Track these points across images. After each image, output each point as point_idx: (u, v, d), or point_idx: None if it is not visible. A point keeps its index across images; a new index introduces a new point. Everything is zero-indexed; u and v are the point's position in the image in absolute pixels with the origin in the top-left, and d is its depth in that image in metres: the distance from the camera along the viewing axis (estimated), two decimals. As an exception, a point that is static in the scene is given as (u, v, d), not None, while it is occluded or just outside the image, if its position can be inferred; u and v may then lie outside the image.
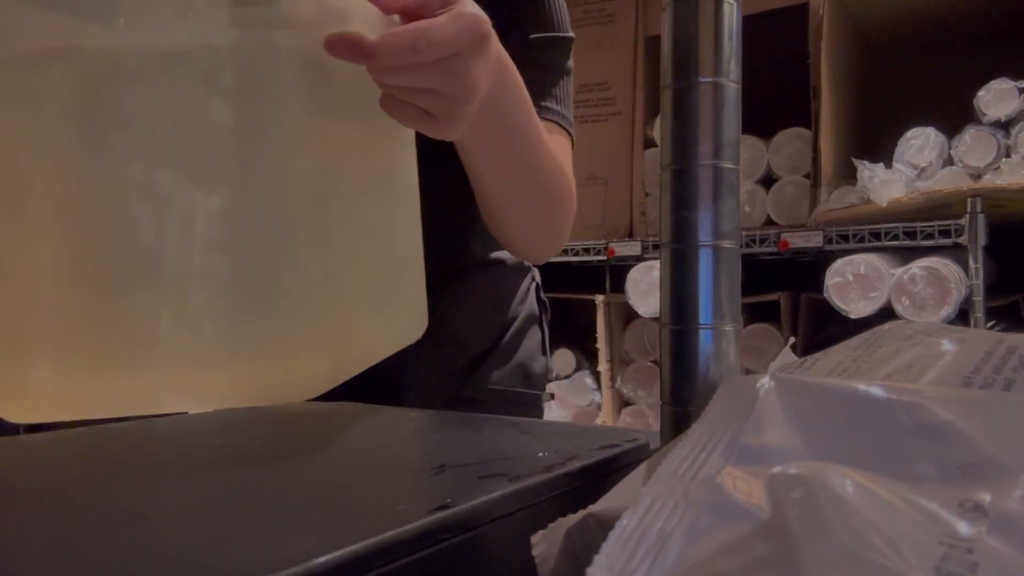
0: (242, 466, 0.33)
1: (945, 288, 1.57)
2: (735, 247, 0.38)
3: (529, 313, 0.87)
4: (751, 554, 0.18)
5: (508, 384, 0.82)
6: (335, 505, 0.27)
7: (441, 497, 0.26)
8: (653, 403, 2.12)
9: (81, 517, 0.26)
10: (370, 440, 0.39)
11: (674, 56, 0.38)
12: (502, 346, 0.82)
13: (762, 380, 0.26)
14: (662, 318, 0.38)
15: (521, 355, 0.84)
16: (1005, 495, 0.20)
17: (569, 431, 0.39)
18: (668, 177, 0.38)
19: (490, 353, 0.81)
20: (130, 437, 0.40)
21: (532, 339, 0.86)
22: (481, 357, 0.81)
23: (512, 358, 0.83)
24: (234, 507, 0.27)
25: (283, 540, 0.23)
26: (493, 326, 0.82)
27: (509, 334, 0.83)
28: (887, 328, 0.35)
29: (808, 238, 1.80)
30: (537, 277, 0.92)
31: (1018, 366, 0.28)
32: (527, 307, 0.87)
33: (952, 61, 2.03)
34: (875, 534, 0.18)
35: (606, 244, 2.08)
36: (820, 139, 1.77)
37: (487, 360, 0.81)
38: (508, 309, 0.84)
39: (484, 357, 0.81)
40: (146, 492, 0.29)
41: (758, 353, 1.91)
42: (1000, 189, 1.54)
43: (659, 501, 0.21)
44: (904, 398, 0.24)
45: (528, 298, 0.88)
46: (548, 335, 0.91)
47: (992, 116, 1.61)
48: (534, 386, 0.85)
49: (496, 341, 0.82)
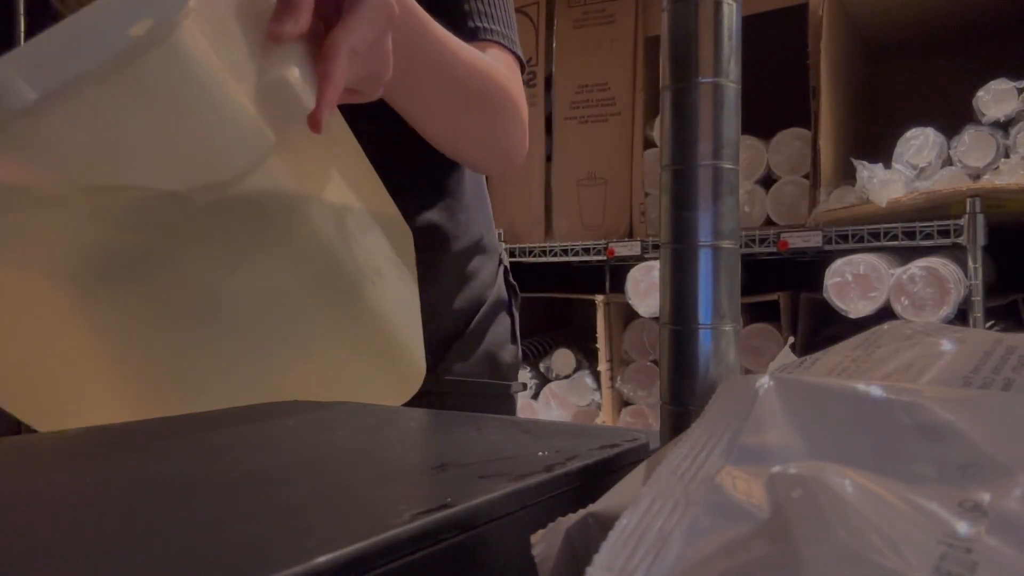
0: (239, 465, 0.33)
1: (944, 288, 1.57)
2: (735, 247, 0.38)
3: (497, 298, 0.83)
4: (751, 554, 0.18)
5: (473, 375, 0.79)
6: (334, 504, 0.27)
7: (441, 497, 0.26)
8: (653, 403, 2.12)
9: (75, 518, 0.26)
10: (370, 439, 0.39)
11: (674, 56, 0.38)
12: (468, 333, 0.79)
13: (762, 380, 0.26)
14: (662, 318, 0.38)
15: (488, 343, 0.80)
16: (1004, 495, 0.20)
17: (569, 431, 0.39)
18: (668, 177, 0.38)
19: (455, 341, 0.78)
20: (127, 437, 0.40)
21: (501, 326, 0.83)
22: (444, 344, 0.77)
23: (478, 347, 0.80)
24: (231, 506, 0.27)
25: (282, 540, 0.23)
26: (458, 311, 0.79)
27: (475, 320, 0.80)
28: (886, 328, 0.35)
29: (807, 238, 1.80)
30: (505, 260, 0.88)
31: (1017, 366, 0.28)
32: (495, 292, 0.83)
33: (952, 61, 2.03)
34: (875, 534, 0.18)
35: (606, 244, 2.08)
36: (820, 139, 1.77)
37: (451, 349, 0.78)
38: (476, 293, 0.81)
39: (448, 345, 0.78)
40: (143, 491, 0.29)
41: (758, 353, 1.91)
42: (999, 189, 1.54)
43: (659, 501, 0.21)
44: (904, 398, 0.24)
45: (496, 282, 0.84)
46: (518, 322, 0.87)
47: (991, 116, 1.61)
48: (503, 376, 0.82)
49: (463, 327, 0.79)
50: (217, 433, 0.40)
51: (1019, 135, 1.59)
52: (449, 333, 0.78)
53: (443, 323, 0.78)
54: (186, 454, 0.36)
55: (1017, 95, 1.59)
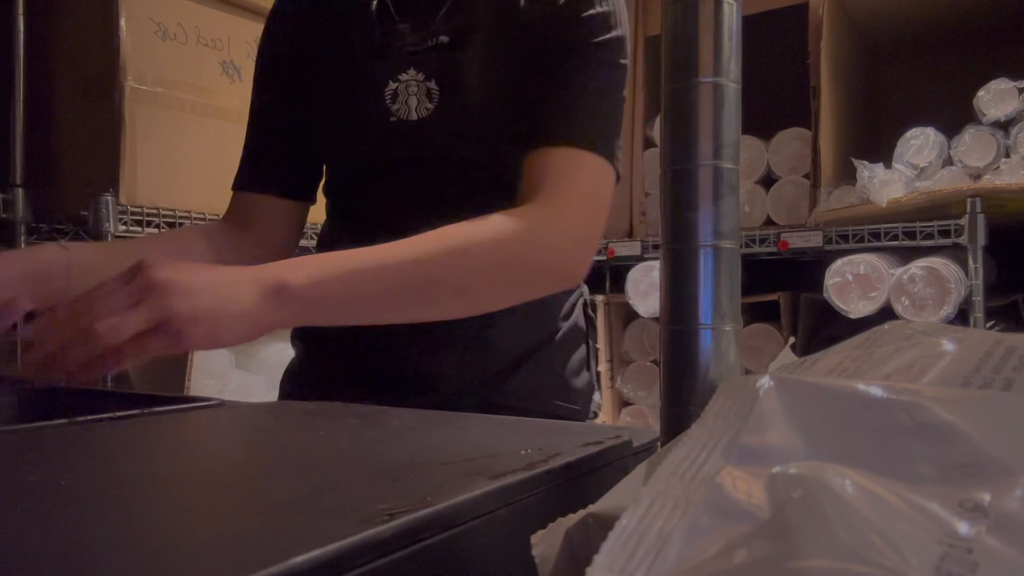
0: (219, 467, 0.33)
1: (945, 288, 1.57)
2: (735, 247, 0.38)
3: (574, 327, 0.85)
4: (751, 554, 0.18)
5: (546, 396, 0.81)
6: (313, 503, 0.26)
7: (422, 495, 0.26)
8: (653, 403, 2.12)
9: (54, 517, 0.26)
10: (351, 438, 0.38)
11: (674, 56, 0.38)
12: (541, 357, 0.81)
13: (762, 380, 0.26)
14: (662, 318, 0.38)
15: (562, 368, 0.83)
16: (1005, 495, 0.20)
17: (552, 428, 0.39)
18: (668, 177, 0.38)
19: (526, 362, 0.80)
20: (115, 434, 0.40)
21: (577, 354, 0.85)
22: (516, 365, 0.80)
23: (552, 370, 0.82)
24: (211, 507, 0.26)
25: (261, 539, 0.22)
26: (531, 335, 0.81)
27: (551, 346, 0.82)
28: (887, 328, 0.35)
29: (808, 238, 1.80)
30: (586, 293, 0.90)
31: (1018, 366, 0.28)
32: (572, 321, 0.85)
33: (952, 61, 2.03)
34: (875, 534, 0.18)
35: (606, 244, 2.08)
36: (820, 139, 1.77)
37: (522, 369, 0.80)
38: (551, 321, 0.83)
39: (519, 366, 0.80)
40: (126, 491, 0.29)
41: (758, 353, 1.91)
42: (1000, 189, 1.54)
43: (659, 501, 0.21)
44: (904, 398, 0.24)
45: (574, 313, 0.86)
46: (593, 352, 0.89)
47: (992, 116, 1.61)
48: (573, 400, 0.84)
49: (534, 351, 0.81)
50: (197, 431, 0.40)
51: (1019, 135, 1.59)
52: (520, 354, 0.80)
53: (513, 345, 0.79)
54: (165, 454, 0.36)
55: (1017, 95, 1.59)
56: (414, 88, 0.76)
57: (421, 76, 0.76)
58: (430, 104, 0.76)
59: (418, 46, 0.77)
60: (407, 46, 0.77)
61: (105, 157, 1.34)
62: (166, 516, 0.26)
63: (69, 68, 1.42)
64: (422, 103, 0.76)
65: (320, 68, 0.81)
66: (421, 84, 0.76)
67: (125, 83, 1.32)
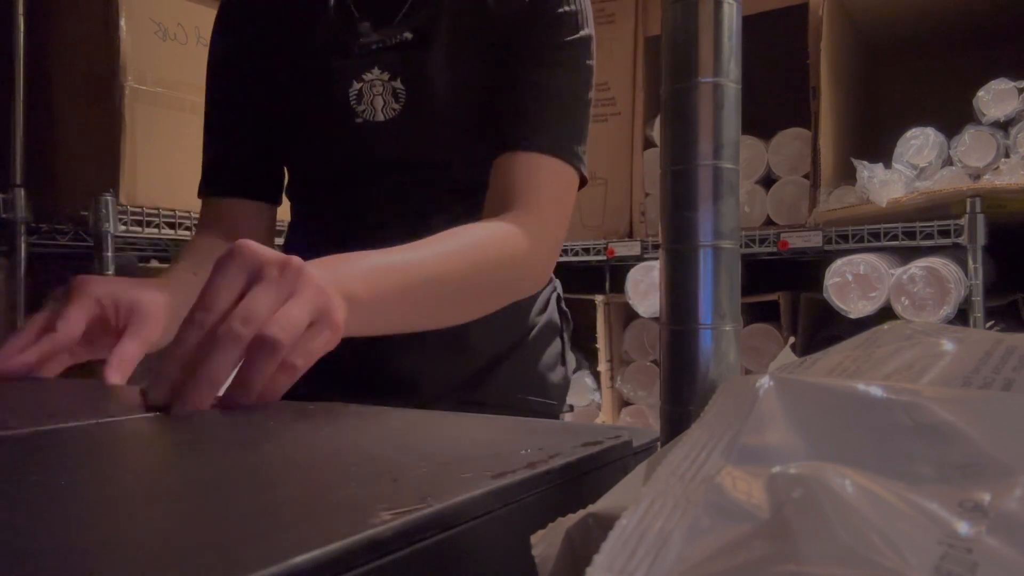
0: (218, 465, 0.33)
1: (944, 288, 1.57)
2: (735, 247, 0.38)
3: (549, 322, 0.86)
4: (751, 554, 0.18)
5: (522, 392, 0.81)
6: (313, 503, 0.26)
7: (421, 495, 0.26)
8: (653, 403, 2.12)
9: (49, 517, 0.26)
10: (350, 438, 0.38)
11: (674, 56, 0.38)
12: (517, 354, 0.81)
13: (762, 380, 0.26)
14: (662, 318, 0.38)
15: (538, 364, 0.83)
16: (1005, 495, 0.20)
17: (552, 428, 0.39)
18: (668, 177, 0.38)
19: (503, 360, 0.80)
20: (110, 435, 0.40)
21: (552, 348, 0.85)
22: (494, 363, 0.80)
23: (528, 367, 0.82)
24: (210, 507, 0.26)
25: (260, 539, 0.22)
26: (507, 333, 0.81)
27: (527, 342, 0.82)
28: (887, 328, 0.35)
29: (808, 238, 1.80)
30: (558, 287, 0.90)
31: (1018, 366, 0.28)
32: (547, 316, 0.85)
33: (952, 61, 2.03)
34: (875, 534, 0.18)
35: (606, 244, 2.08)
36: (820, 139, 1.77)
37: (500, 367, 0.80)
38: (526, 318, 0.83)
39: (497, 364, 0.80)
40: (124, 492, 0.29)
41: (758, 353, 1.91)
42: (999, 189, 1.54)
43: (659, 501, 0.21)
44: (904, 398, 0.24)
45: (548, 308, 0.87)
46: (568, 345, 0.90)
47: (991, 116, 1.61)
48: (550, 396, 0.84)
49: (510, 349, 0.81)
50: (196, 432, 0.40)
51: (1019, 135, 1.59)
52: (498, 352, 0.80)
53: (491, 343, 0.80)
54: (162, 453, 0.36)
55: (1017, 95, 1.59)
56: (379, 88, 0.74)
57: (386, 75, 0.74)
58: (397, 104, 0.74)
59: (381, 44, 0.74)
60: (370, 44, 0.75)
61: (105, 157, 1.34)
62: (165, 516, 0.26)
63: (69, 68, 1.43)
64: (388, 103, 0.74)
65: (279, 67, 0.78)
66: (387, 83, 0.74)
67: (125, 83, 1.33)
